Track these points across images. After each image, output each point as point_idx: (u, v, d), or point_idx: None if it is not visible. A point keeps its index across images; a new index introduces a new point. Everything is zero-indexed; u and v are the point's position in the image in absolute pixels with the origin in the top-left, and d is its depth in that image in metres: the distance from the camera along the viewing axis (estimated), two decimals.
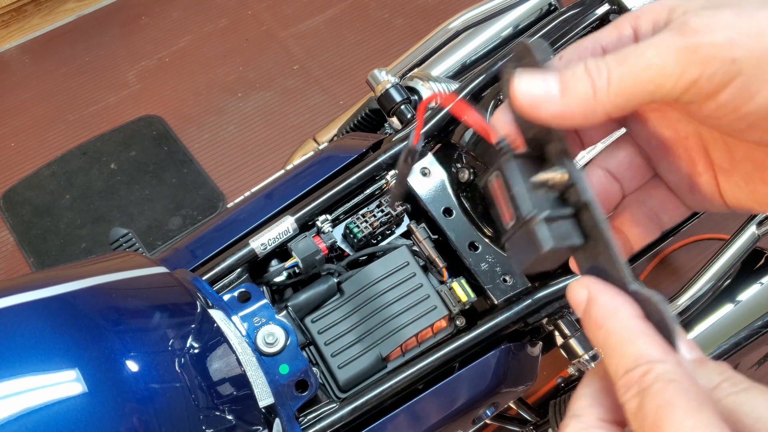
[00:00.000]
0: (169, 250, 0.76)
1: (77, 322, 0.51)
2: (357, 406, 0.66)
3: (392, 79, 0.86)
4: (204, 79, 1.89)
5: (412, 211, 0.76)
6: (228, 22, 1.99)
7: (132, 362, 0.50)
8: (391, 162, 0.75)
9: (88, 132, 1.80)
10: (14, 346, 0.48)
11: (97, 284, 0.56)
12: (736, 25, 0.27)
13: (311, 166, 0.80)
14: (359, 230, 0.72)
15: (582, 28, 0.74)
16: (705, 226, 1.56)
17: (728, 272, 0.77)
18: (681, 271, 1.54)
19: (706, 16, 0.28)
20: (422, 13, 1.99)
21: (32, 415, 0.45)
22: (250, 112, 1.84)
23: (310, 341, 0.69)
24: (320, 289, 0.70)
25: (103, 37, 1.98)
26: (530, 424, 1.03)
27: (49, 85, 1.88)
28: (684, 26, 0.28)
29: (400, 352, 0.69)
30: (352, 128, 1.09)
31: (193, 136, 1.80)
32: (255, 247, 0.70)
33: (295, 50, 1.94)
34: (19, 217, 1.67)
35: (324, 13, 2.00)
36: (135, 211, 1.67)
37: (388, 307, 0.69)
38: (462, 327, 0.70)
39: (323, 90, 1.87)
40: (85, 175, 1.72)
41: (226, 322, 0.61)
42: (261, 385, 0.58)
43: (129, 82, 1.89)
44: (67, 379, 0.47)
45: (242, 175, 1.74)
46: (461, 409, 0.70)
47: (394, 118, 0.86)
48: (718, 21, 0.28)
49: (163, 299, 0.59)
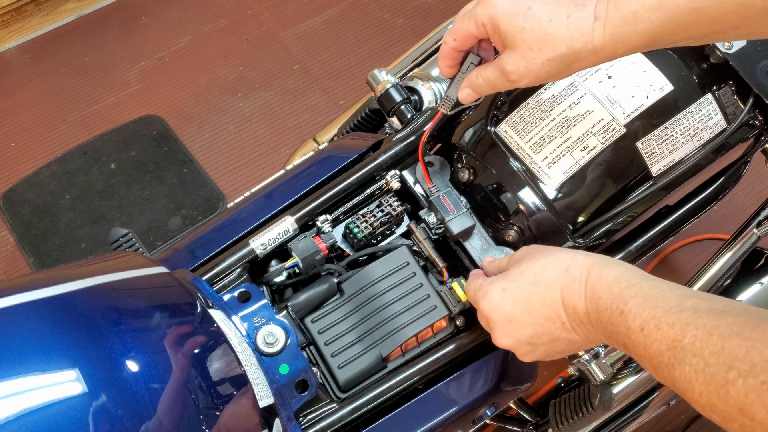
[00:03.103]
0: (169, 250, 0.76)
1: (77, 322, 0.51)
2: (357, 406, 0.66)
3: (392, 79, 0.86)
4: (204, 79, 1.88)
5: (412, 211, 0.76)
6: (228, 22, 1.99)
7: (132, 362, 0.50)
8: (392, 162, 0.75)
9: (88, 132, 1.80)
10: (14, 346, 0.48)
11: (97, 284, 0.56)
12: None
13: (311, 166, 0.80)
14: (359, 230, 0.72)
15: None
16: (705, 226, 1.56)
17: (728, 272, 0.77)
18: (681, 271, 1.54)
19: None
20: (422, 13, 1.99)
21: (32, 415, 0.45)
22: (250, 112, 1.83)
23: (310, 341, 0.69)
24: (320, 289, 0.70)
25: (103, 37, 1.98)
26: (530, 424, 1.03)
27: (49, 85, 1.88)
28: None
29: (400, 352, 0.69)
30: (352, 128, 1.08)
31: (193, 136, 1.79)
32: (255, 247, 0.70)
33: (295, 50, 1.94)
34: (19, 217, 1.67)
35: (324, 13, 2.00)
36: (135, 211, 1.67)
37: (388, 307, 0.69)
38: (462, 327, 0.70)
39: (323, 90, 1.86)
40: (85, 175, 1.72)
41: (226, 322, 0.61)
42: (261, 385, 0.58)
43: (129, 82, 1.89)
44: (67, 379, 0.47)
45: (242, 175, 1.74)
46: (461, 409, 0.70)
47: (394, 118, 0.86)
48: None
49: (163, 299, 0.59)
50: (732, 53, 0.69)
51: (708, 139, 0.71)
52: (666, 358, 0.45)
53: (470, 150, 0.73)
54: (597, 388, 0.83)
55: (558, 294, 0.56)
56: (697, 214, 0.77)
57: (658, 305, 0.48)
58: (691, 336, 0.44)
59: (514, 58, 0.56)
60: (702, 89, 0.71)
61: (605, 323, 0.52)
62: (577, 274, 0.55)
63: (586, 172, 0.69)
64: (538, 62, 0.55)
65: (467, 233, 0.70)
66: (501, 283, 0.59)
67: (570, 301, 0.55)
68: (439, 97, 0.92)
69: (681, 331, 0.45)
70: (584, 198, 0.70)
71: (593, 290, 0.53)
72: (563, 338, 0.57)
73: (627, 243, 0.74)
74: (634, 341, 0.48)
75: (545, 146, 0.69)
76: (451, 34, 0.60)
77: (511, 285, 0.58)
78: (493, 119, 0.73)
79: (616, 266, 0.53)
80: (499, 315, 0.58)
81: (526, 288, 0.57)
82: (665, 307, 0.47)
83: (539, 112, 0.71)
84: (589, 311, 0.53)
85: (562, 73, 0.56)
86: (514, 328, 0.58)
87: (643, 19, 0.51)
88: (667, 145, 0.70)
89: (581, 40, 0.53)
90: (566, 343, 0.58)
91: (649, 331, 0.47)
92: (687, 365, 0.44)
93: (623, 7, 0.51)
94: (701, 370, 0.42)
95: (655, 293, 0.49)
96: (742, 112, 0.70)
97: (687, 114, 0.70)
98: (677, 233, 0.77)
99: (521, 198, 0.69)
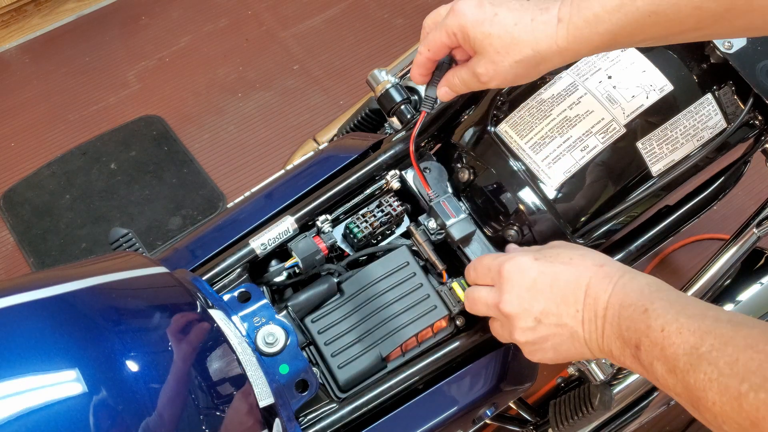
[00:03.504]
0: (169, 250, 0.76)
1: (77, 322, 0.51)
2: (357, 406, 0.66)
3: (392, 79, 0.86)
4: (204, 79, 1.88)
5: (412, 211, 0.76)
6: (228, 22, 1.99)
7: (132, 362, 0.50)
8: (391, 162, 0.75)
9: (88, 132, 1.80)
10: (14, 346, 0.48)
11: (97, 284, 0.56)
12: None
13: (311, 166, 0.80)
14: (359, 230, 0.72)
15: None
16: (705, 226, 1.56)
17: (728, 272, 0.77)
18: (681, 271, 1.54)
19: None
20: (422, 13, 1.98)
21: (32, 415, 0.45)
22: (250, 112, 1.83)
23: (310, 341, 0.69)
24: (320, 289, 0.70)
25: (103, 37, 1.98)
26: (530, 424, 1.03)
27: (49, 85, 1.88)
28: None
29: (400, 352, 0.69)
30: (352, 128, 1.08)
31: (193, 136, 1.79)
32: (255, 247, 0.70)
33: (295, 50, 1.94)
34: (19, 217, 1.67)
35: (324, 13, 2.00)
36: (135, 211, 1.67)
37: (388, 307, 0.69)
38: (462, 327, 0.70)
39: (323, 90, 1.86)
40: (85, 175, 1.72)
41: (226, 322, 0.61)
42: (261, 385, 0.58)
43: (129, 82, 1.89)
44: (67, 379, 0.47)
45: (242, 175, 1.74)
46: (461, 409, 0.70)
47: (394, 118, 0.85)
48: None
49: (163, 299, 0.59)
50: (732, 53, 0.69)
51: (708, 139, 0.71)
52: (682, 363, 0.46)
53: (470, 150, 0.73)
54: (597, 388, 0.83)
55: (585, 281, 0.57)
56: (697, 214, 0.77)
57: (682, 311, 0.49)
58: (709, 345, 0.45)
59: (483, 62, 0.59)
60: (702, 89, 0.71)
61: (624, 318, 0.53)
62: (611, 271, 0.56)
63: (586, 172, 0.69)
64: (506, 65, 0.58)
65: (468, 239, 0.70)
66: (534, 253, 0.61)
67: (593, 292, 0.56)
68: None
69: (700, 339, 0.46)
70: (584, 198, 0.70)
71: (623, 288, 0.54)
72: (567, 328, 0.57)
73: (627, 243, 0.74)
74: (652, 340, 0.49)
75: (545, 146, 0.69)
76: (425, 44, 0.63)
77: (545, 258, 0.60)
78: (493, 119, 0.73)
79: (648, 277, 0.56)
80: (521, 278, 0.59)
81: (557, 266, 0.59)
82: (688, 313, 0.48)
83: (539, 112, 0.71)
84: (609, 306, 0.54)
85: (529, 74, 0.59)
86: (531, 295, 0.58)
87: (604, 20, 0.53)
88: (667, 145, 0.70)
89: (546, 42, 0.56)
90: (565, 338, 0.58)
91: (669, 333, 0.48)
92: (702, 373, 0.45)
93: (585, 9, 0.54)
94: (715, 379, 0.44)
95: (681, 300, 0.51)
96: (742, 112, 0.70)
97: (687, 114, 0.70)
98: (677, 233, 0.77)
99: (521, 198, 0.69)
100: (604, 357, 0.57)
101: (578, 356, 0.59)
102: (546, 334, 0.58)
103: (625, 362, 0.54)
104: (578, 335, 0.57)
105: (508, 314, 0.59)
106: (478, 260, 0.65)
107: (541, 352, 0.60)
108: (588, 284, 0.56)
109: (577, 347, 0.58)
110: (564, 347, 0.59)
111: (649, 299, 0.52)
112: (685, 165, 0.70)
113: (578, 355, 0.59)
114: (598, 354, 0.57)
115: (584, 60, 0.72)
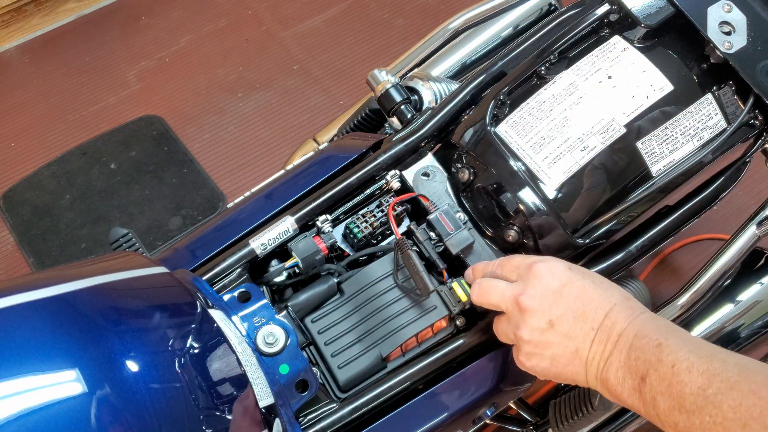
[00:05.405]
0: (169, 250, 0.76)
1: (77, 322, 0.51)
2: (357, 406, 0.65)
3: (392, 79, 0.86)
4: (204, 79, 1.88)
5: (412, 212, 0.76)
6: (228, 22, 1.99)
7: (132, 362, 0.50)
8: (391, 162, 0.75)
9: (88, 132, 1.80)
10: (14, 346, 0.48)
11: (98, 284, 0.56)
12: None
13: (311, 166, 0.80)
14: (359, 230, 0.72)
15: (582, 28, 0.74)
16: (705, 226, 1.55)
17: (728, 272, 0.77)
18: (681, 271, 1.54)
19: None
20: (422, 13, 1.99)
21: (32, 415, 0.45)
22: (250, 112, 1.83)
23: (310, 341, 0.69)
24: (320, 289, 0.70)
25: (103, 37, 1.97)
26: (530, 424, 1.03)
27: (49, 85, 1.88)
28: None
29: (400, 352, 0.69)
30: (352, 128, 1.08)
31: (193, 136, 1.79)
32: (255, 247, 0.70)
33: (295, 50, 1.94)
34: (19, 217, 1.67)
35: (324, 13, 2.00)
36: (135, 211, 1.67)
37: (388, 307, 0.69)
38: (462, 327, 0.70)
39: (323, 90, 1.86)
40: (85, 175, 1.72)
41: (226, 322, 0.61)
42: (261, 385, 0.58)
43: (129, 82, 1.89)
44: (67, 379, 0.47)
45: (242, 175, 1.74)
46: (461, 409, 0.70)
47: (394, 118, 0.86)
48: None
49: (163, 299, 0.59)
50: (732, 53, 0.69)
51: (708, 139, 0.71)
52: (688, 403, 0.48)
53: (470, 150, 0.73)
54: None
55: (609, 305, 0.57)
56: (697, 214, 0.77)
57: (694, 350, 0.50)
58: (715, 388, 0.46)
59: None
60: (702, 89, 0.71)
61: (635, 348, 0.54)
62: (635, 306, 0.57)
63: (586, 172, 0.69)
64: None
65: (467, 249, 0.71)
66: (568, 263, 0.61)
67: (614, 316, 0.56)
68: (440, 97, 0.92)
69: (708, 381, 0.47)
70: (584, 198, 0.70)
71: (643, 322, 0.55)
72: (573, 343, 0.57)
73: (627, 243, 0.74)
74: (660, 374, 0.50)
75: (545, 146, 0.69)
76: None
77: (578, 271, 0.60)
78: (493, 119, 0.73)
79: (668, 321, 0.57)
80: (551, 279, 0.59)
81: (588, 282, 0.59)
82: (700, 353, 0.49)
83: (539, 112, 0.71)
84: (624, 333, 0.55)
85: None
86: (554, 298, 0.59)
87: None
88: (667, 145, 0.70)
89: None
90: (567, 352, 0.58)
91: (678, 370, 0.49)
92: (707, 415, 0.46)
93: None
94: (720, 423, 0.45)
95: (694, 341, 0.52)
96: (742, 112, 0.70)
97: (687, 114, 0.70)
98: (677, 233, 0.77)
99: (521, 198, 0.69)
100: (597, 385, 0.57)
101: (570, 376, 0.59)
102: (551, 341, 0.58)
103: (621, 393, 0.54)
104: (581, 354, 0.57)
105: (525, 307, 0.59)
106: (507, 258, 0.65)
107: (537, 357, 0.60)
108: (611, 309, 0.57)
109: (574, 366, 0.58)
110: (561, 361, 0.59)
111: (664, 335, 0.52)
112: (685, 165, 0.70)
113: (571, 374, 0.59)
114: (591, 380, 0.57)
115: (584, 60, 0.72)
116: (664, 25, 0.71)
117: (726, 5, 0.70)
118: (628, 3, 0.72)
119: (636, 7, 0.71)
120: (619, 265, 0.73)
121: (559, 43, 0.74)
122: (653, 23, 0.71)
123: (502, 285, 0.62)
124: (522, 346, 0.61)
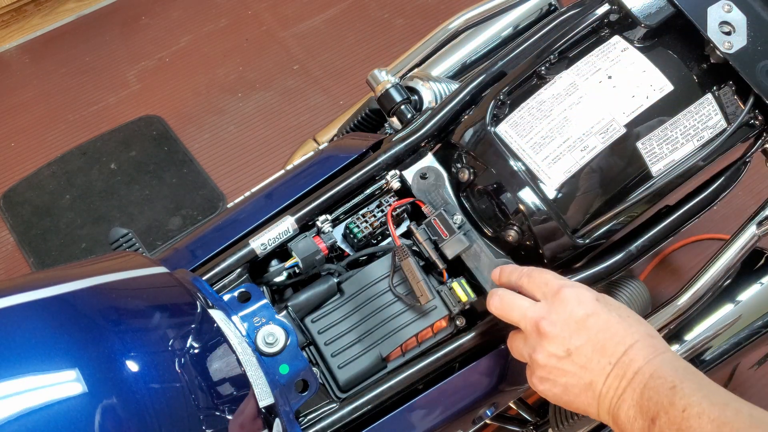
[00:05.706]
0: (169, 250, 0.76)
1: (77, 322, 0.51)
2: (357, 406, 0.66)
3: (392, 79, 0.86)
4: (204, 79, 1.88)
5: (412, 212, 0.76)
6: (228, 22, 1.99)
7: (132, 362, 0.50)
8: (391, 162, 0.75)
9: (88, 132, 1.80)
10: (14, 346, 0.48)
11: (98, 284, 0.56)
12: None
13: (311, 166, 0.80)
14: (359, 230, 0.72)
15: (582, 28, 0.74)
16: (705, 226, 1.55)
17: (728, 272, 0.77)
18: (681, 271, 1.54)
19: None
20: (422, 13, 1.99)
21: (32, 415, 0.45)
22: (250, 112, 1.83)
23: (310, 341, 0.69)
24: (320, 289, 0.70)
25: (103, 37, 1.97)
26: (530, 424, 1.03)
27: (49, 85, 1.88)
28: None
29: (400, 352, 0.69)
30: (352, 128, 1.08)
31: (193, 136, 1.79)
32: (255, 247, 0.70)
33: (295, 50, 1.94)
34: (19, 217, 1.67)
35: (324, 13, 2.00)
36: (135, 211, 1.67)
37: (388, 307, 0.69)
38: (462, 327, 0.70)
39: (323, 90, 1.86)
40: (85, 175, 1.72)
41: (226, 322, 0.61)
42: (261, 385, 0.58)
43: (129, 82, 1.89)
44: (67, 379, 0.47)
45: (242, 175, 1.74)
46: (461, 409, 0.70)
47: (394, 118, 0.86)
48: None
49: (163, 299, 0.59)
50: (732, 53, 0.69)
51: (708, 139, 0.71)
52: None
53: (470, 150, 0.73)
54: None
55: (630, 342, 0.56)
56: (697, 214, 0.77)
57: (707, 396, 0.49)
58: None
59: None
60: (702, 89, 0.71)
61: (649, 388, 0.53)
62: (658, 344, 0.56)
63: (586, 172, 0.69)
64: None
65: (465, 252, 0.70)
66: (597, 294, 0.60)
67: (633, 353, 0.56)
68: (440, 97, 0.92)
69: (717, 429, 0.47)
70: (584, 198, 0.70)
71: (661, 362, 0.54)
72: (588, 375, 0.57)
73: (627, 243, 0.74)
74: (670, 417, 0.50)
75: (545, 146, 0.69)
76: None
77: (605, 303, 0.59)
78: (493, 119, 0.73)
79: (688, 363, 0.55)
80: (576, 307, 0.58)
81: (614, 315, 0.58)
82: (713, 400, 0.49)
83: (539, 112, 0.71)
84: (640, 372, 0.54)
85: None
86: (576, 327, 0.58)
87: None
88: (667, 145, 0.70)
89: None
90: (581, 384, 0.57)
91: (689, 415, 0.49)
92: None
93: None
94: None
95: (710, 387, 0.51)
96: (742, 112, 0.70)
97: (687, 114, 0.70)
98: (677, 233, 0.77)
99: (521, 198, 0.69)
100: (608, 420, 0.56)
101: (582, 407, 0.58)
102: (566, 370, 0.58)
103: None
104: (595, 387, 0.56)
105: (545, 332, 0.58)
106: (537, 270, 0.63)
107: (550, 383, 0.59)
108: (632, 345, 0.56)
109: (586, 398, 0.57)
110: (574, 391, 0.58)
111: (680, 378, 0.52)
112: (685, 165, 0.70)
113: (583, 405, 0.58)
114: (603, 414, 0.57)
115: (584, 60, 0.72)
116: (664, 25, 0.71)
117: (726, 5, 0.70)
118: (628, 3, 0.72)
119: (636, 7, 0.71)
120: (619, 265, 0.73)
121: (559, 43, 0.74)
122: (653, 23, 0.71)
123: (525, 304, 0.61)
124: (535, 370, 0.60)
